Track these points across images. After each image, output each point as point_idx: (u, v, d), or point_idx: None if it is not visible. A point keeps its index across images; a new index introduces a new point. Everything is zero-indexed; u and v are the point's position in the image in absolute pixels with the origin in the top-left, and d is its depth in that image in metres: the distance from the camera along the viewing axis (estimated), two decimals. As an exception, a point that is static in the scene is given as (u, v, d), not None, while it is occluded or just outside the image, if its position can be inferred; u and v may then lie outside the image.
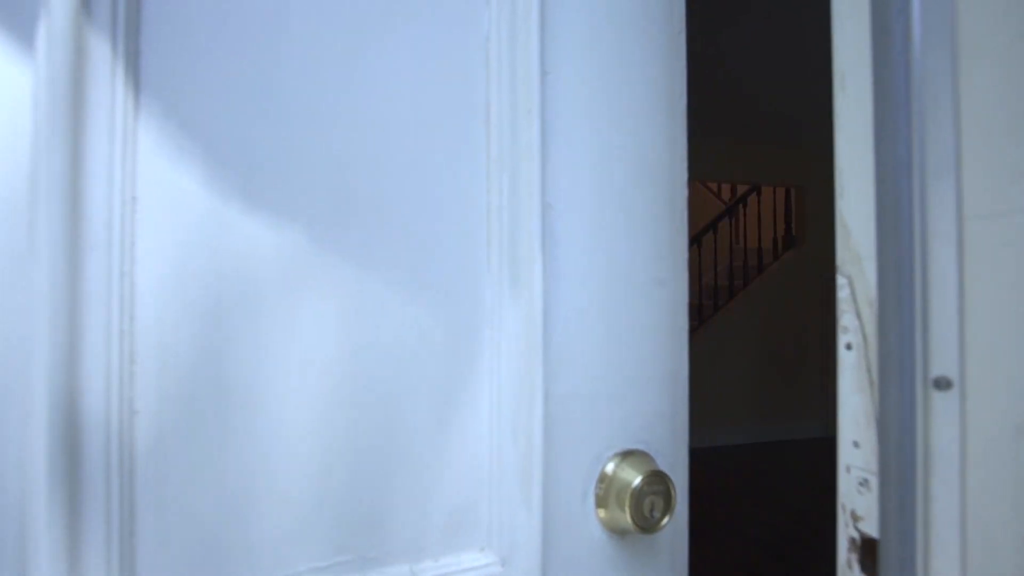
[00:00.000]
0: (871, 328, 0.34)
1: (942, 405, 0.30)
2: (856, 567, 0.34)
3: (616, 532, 0.40)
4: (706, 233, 4.87)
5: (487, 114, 0.40)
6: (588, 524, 0.40)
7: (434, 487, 0.38)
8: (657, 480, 0.38)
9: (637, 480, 0.38)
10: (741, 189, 5.87)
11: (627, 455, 0.40)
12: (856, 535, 0.34)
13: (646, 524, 0.38)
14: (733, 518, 3.05)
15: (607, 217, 0.41)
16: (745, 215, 5.01)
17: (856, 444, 0.35)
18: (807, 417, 4.86)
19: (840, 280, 0.37)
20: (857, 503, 0.35)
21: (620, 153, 0.41)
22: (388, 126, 0.38)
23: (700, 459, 3.28)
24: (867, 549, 0.33)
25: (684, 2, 0.42)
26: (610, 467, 0.40)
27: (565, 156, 0.41)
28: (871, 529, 0.33)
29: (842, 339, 0.37)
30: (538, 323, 0.39)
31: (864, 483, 0.34)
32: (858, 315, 0.36)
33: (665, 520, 0.38)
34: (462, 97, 0.40)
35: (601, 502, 0.39)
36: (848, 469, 0.36)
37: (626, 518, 0.38)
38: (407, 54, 0.38)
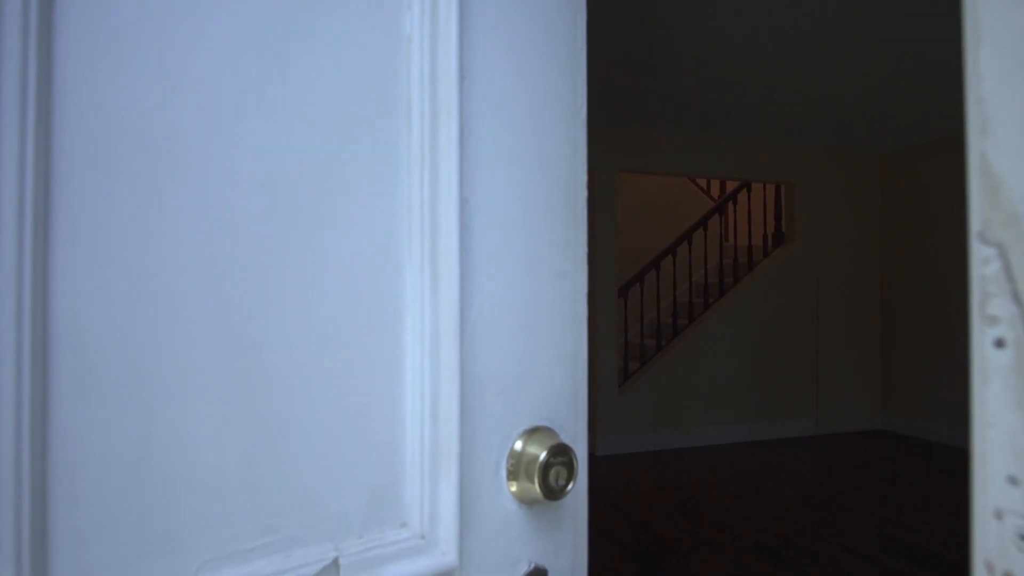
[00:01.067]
0: (1037, 317, 0.24)
1: None
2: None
3: (526, 502, 0.45)
4: (696, 230, 4.93)
5: (408, 113, 0.43)
6: (501, 496, 0.45)
7: (357, 467, 0.41)
8: (561, 452, 0.43)
9: (543, 454, 0.43)
10: (731, 187, 5.85)
11: (534, 431, 0.45)
12: (1011, 607, 0.24)
13: (553, 492, 0.43)
14: (730, 521, 3.03)
15: (517, 213, 0.46)
16: (735, 212, 5.17)
17: (1013, 481, 0.26)
18: (799, 415, 4.99)
19: (983, 251, 0.28)
20: (1014, 563, 0.26)
21: (529, 155, 0.46)
22: (312, 121, 0.40)
23: (693, 458, 3.44)
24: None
25: (585, 22, 0.48)
26: (519, 443, 0.45)
27: (481, 155, 0.45)
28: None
29: (988, 334, 0.27)
30: (455, 311, 0.43)
31: (1026, 537, 0.24)
32: (1016, 298, 0.26)
33: (570, 486, 0.44)
34: (384, 96, 0.43)
35: (512, 475, 0.44)
36: (999, 515, 0.27)
37: (535, 489, 0.43)
38: (330, 53, 0.40)
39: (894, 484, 3.71)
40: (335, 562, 0.38)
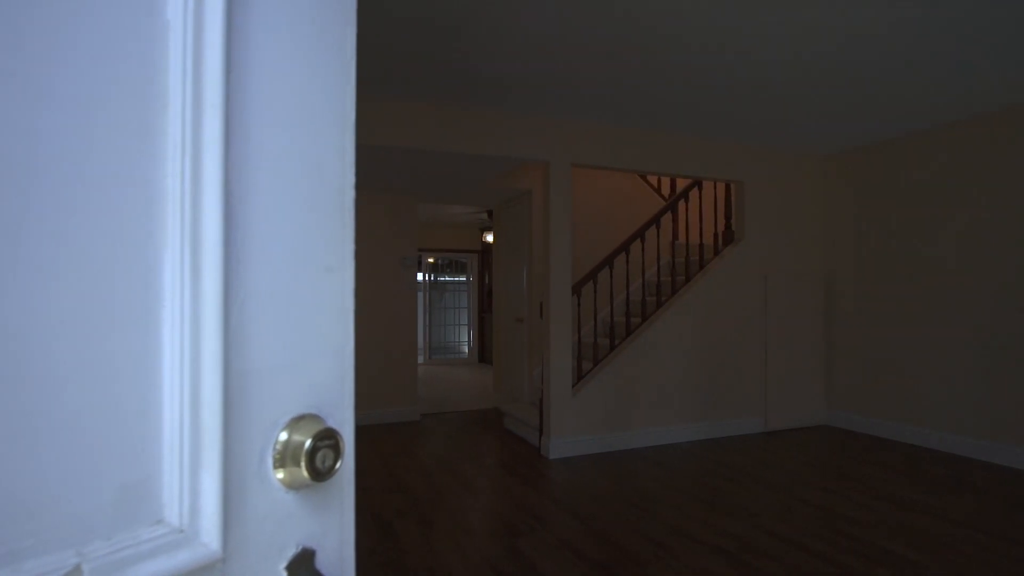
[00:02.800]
0: None
1: None
2: None
3: (295, 487, 0.48)
4: (649, 228, 4.95)
5: (165, 102, 0.43)
6: (267, 484, 0.47)
7: (104, 465, 0.40)
8: (327, 436, 0.47)
9: (309, 440, 0.46)
10: (681, 186, 5.93)
11: (301, 419, 0.48)
12: None
13: (320, 474, 0.46)
14: (688, 525, 3.04)
15: (285, 209, 0.48)
16: (688, 211, 5.22)
17: None
18: (749, 413, 5.10)
19: None
20: None
21: (298, 153, 0.49)
22: (54, 100, 0.38)
23: (647, 458, 3.53)
24: None
25: (355, 35, 0.52)
26: (286, 431, 0.48)
27: (248, 150, 0.47)
28: None
29: None
30: (218, 302, 0.44)
31: None
32: None
33: (337, 465, 0.47)
34: (142, 82, 0.42)
35: (279, 462, 0.47)
36: None
37: (303, 473, 0.46)
38: (80, 30, 0.39)
39: (844, 480, 3.87)
40: (77, 568, 0.37)
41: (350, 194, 0.54)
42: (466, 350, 11.00)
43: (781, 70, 3.42)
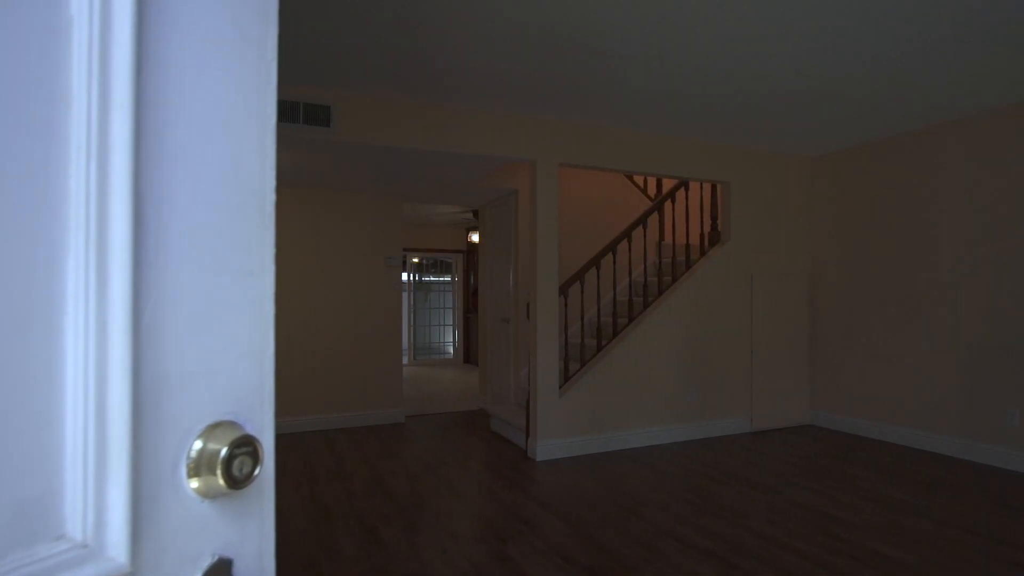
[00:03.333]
0: None
1: None
2: None
3: (211, 496, 0.47)
4: (636, 228, 4.96)
5: (70, 102, 0.42)
6: (181, 494, 0.46)
7: None
8: (245, 443, 0.46)
9: (225, 448, 0.46)
10: (667, 187, 5.95)
11: (217, 426, 0.47)
12: None
13: (237, 482, 0.46)
14: (677, 528, 3.05)
15: (200, 212, 0.48)
16: (674, 211, 5.23)
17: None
18: (735, 413, 5.14)
19: None
20: None
21: (216, 156, 0.49)
22: None
23: (634, 460, 3.57)
24: None
25: (276, 36, 0.52)
26: (201, 439, 0.47)
27: (160, 152, 0.46)
28: None
29: None
30: (126, 308, 0.43)
31: None
32: None
33: (256, 472, 0.46)
34: (43, 80, 0.41)
35: (193, 472, 0.46)
36: None
37: (219, 481, 0.45)
38: None
39: (830, 481, 3.90)
40: (-35, 588, 0.36)
41: (271, 197, 0.53)
42: (451, 351, 10.99)
43: (768, 75, 3.44)
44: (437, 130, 4.12)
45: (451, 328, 11.01)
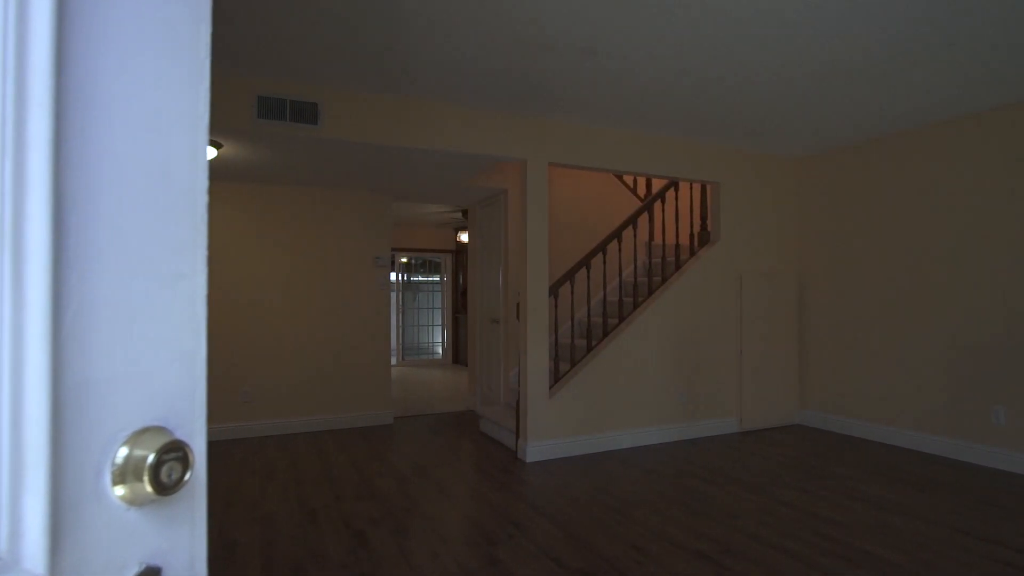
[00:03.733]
0: None
1: None
2: None
3: (137, 503, 0.46)
4: (626, 228, 4.97)
5: None
6: (105, 502, 0.45)
7: None
8: (174, 448, 0.45)
9: (153, 454, 0.45)
10: (656, 188, 5.98)
11: (145, 432, 0.47)
12: None
13: (165, 488, 0.45)
14: (669, 529, 3.06)
15: (129, 214, 0.47)
16: (664, 212, 5.24)
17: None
18: (724, 413, 5.19)
19: None
20: None
21: (144, 157, 0.48)
22: None
23: (624, 460, 3.65)
24: None
25: (209, 34, 0.51)
26: (127, 446, 0.46)
27: (84, 152, 0.45)
28: None
29: None
30: (44, 312, 0.42)
31: None
32: None
33: (186, 477, 0.46)
34: None
35: (119, 479, 0.46)
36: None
37: (146, 488, 0.45)
38: None
39: (820, 480, 3.91)
40: None
41: (202, 198, 0.52)
42: (440, 351, 10.99)
43: (757, 75, 3.45)
44: (427, 128, 4.11)
45: (440, 328, 11.00)
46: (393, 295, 10.09)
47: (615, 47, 3.21)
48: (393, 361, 10.04)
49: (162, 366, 0.48)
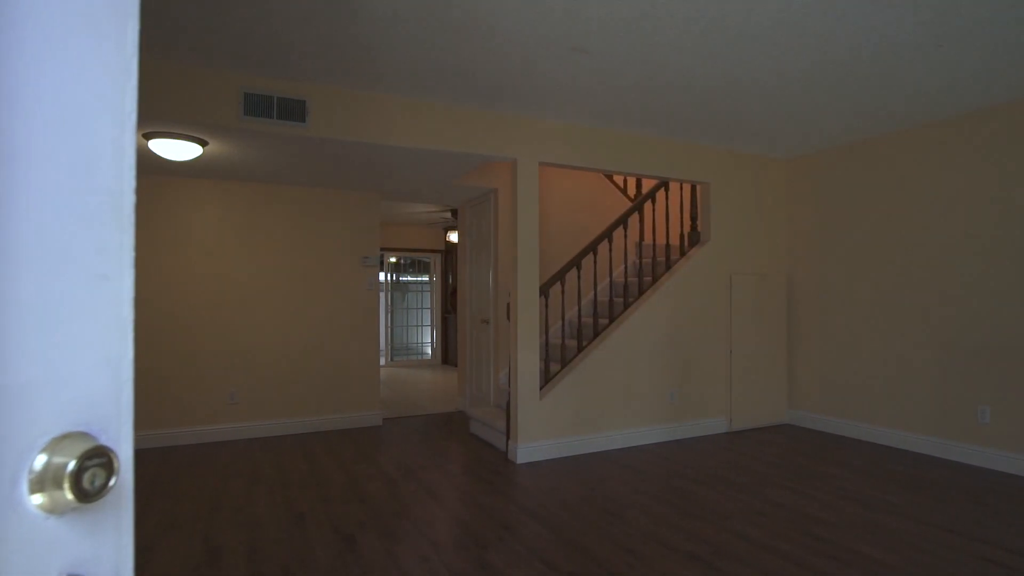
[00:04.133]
0: None
1: None
2: None
3: (56, 512, 0.45)
4: (616, 228, 4.97)
5: None
6: (21, 511, 0.44)
7: None
8: (98, 454, 0.45)
9: (74, 460, 0.44)
10: (647, 188, 6.00)
11: (65, 438, 0.46)
12: None
13: (88, 495, 0.44)
14: (660, 531, 3.06)
15: (50, 214, 0.46)
16: (654, 212, 5.26)
17: None
18: (714, 413, 5.22)
19: None
20: None
21: (65, 155, 0.47)
22: None
23: (615, 461, 3.69)
24: None
25: (137, 30, 0.50)
26: (45, 453, 0.45)
27: (1, 149, 0.44)
28: None
29: None
30: None
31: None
32: None
33: (110, 483, 0.45)
34: None
35: (36, 487, 0.45)
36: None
37: (67, 496, 0.44)
38: None
39: (810, 480, 3.93)
40: None
41: (129, 198, 0.51)
42: (429, 352, 10.97)
43: (748, 75, 3.45)
44: (417, 127, 4.10)
45: (429, 329, 10.98)
46: (382, 295, 10.06)
47: (606, 47, 3.20)
48: (382, 362, 10.03)
49: (86, 370, 0.47)
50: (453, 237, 9.20)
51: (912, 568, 2.64)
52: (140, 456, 4.64)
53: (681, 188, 5.57)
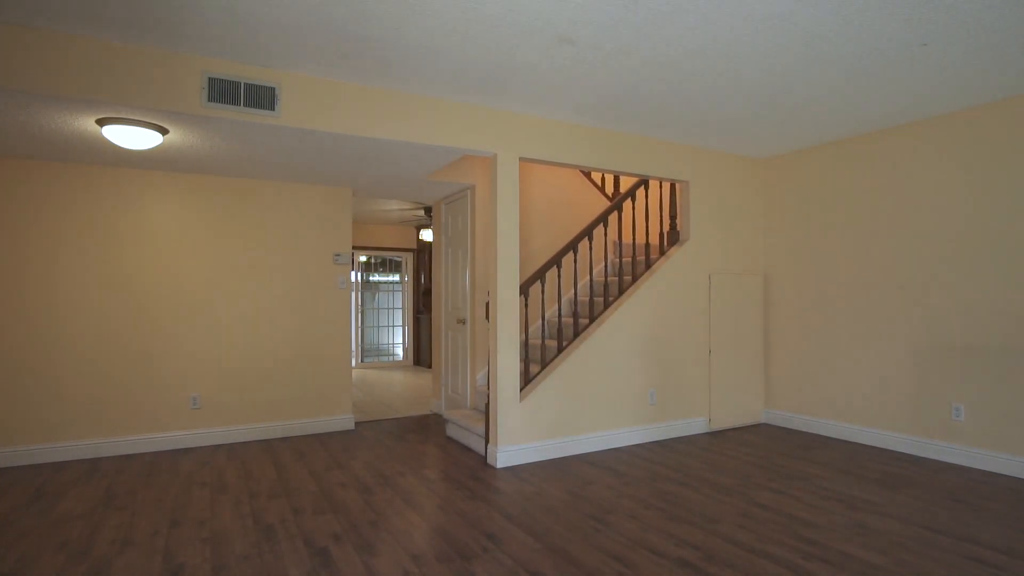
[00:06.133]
0: None
1: None
2: None
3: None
4: (596, 226, 4.81)
5: None
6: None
7: None
8: None
9: None
10: (625, 187, 5.86)
11: None
12: None
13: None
14: (648, 537, 2.97)
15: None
16: (633, 210, 5.11)
17: None
18: (694, 413, 5.13)
19: None
20: None
21: None
22: None
23: (597, 463, 3.52)
24: None
25: None
26: None
27: None
28: None
29: None
30: None
31: None
32: None
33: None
34: None
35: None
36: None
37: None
38: None
39: (792, 480, 3.91)
40: None
41: None
42: (400, 352, 10.73)
43: (736, 72, 3.39)
44: (393, 119, 3.91)
45: (400, 329, 10.74)
46: (352, 295, 9.76)
47: (592, 38, 3.08)
48: (352, 363, 9.72)
49: None
50: (425, 236, 8.99)
51: (902, 570, 2.61)
52: (93, 466, 4.30)
53: (660, 187, 5.50)
